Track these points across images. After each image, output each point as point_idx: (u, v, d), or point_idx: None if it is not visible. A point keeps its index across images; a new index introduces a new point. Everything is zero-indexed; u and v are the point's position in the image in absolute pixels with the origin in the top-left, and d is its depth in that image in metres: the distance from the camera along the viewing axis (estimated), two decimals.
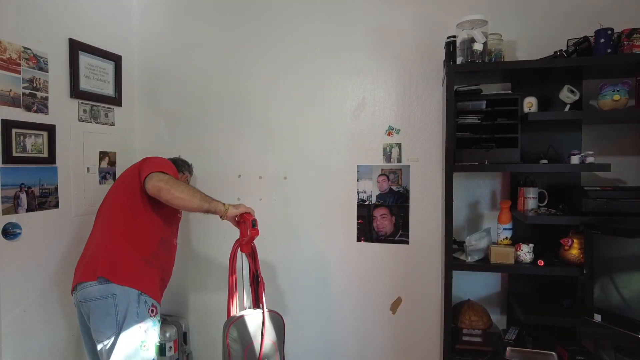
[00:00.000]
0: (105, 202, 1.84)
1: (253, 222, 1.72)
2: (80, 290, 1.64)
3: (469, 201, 2.18)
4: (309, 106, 2.38)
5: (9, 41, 1.83)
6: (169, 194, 1.64)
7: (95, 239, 1.75)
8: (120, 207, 1.76)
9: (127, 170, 1.87)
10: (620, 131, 1.98)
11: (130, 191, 1.75)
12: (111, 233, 1.72)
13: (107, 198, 1.84)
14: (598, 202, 1.72)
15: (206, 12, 2.52)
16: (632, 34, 1.71)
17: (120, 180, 1.86)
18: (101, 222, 1.78)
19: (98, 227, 1.78)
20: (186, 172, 2.20)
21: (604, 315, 1.65)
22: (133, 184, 1.74)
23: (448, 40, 1.98)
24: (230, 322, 1.65)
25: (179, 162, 2.13)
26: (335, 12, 2.32)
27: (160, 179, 1.66)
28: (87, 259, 1.70)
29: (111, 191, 1.84)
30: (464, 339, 1.94)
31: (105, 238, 1.71)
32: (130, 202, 1.74)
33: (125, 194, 1.76)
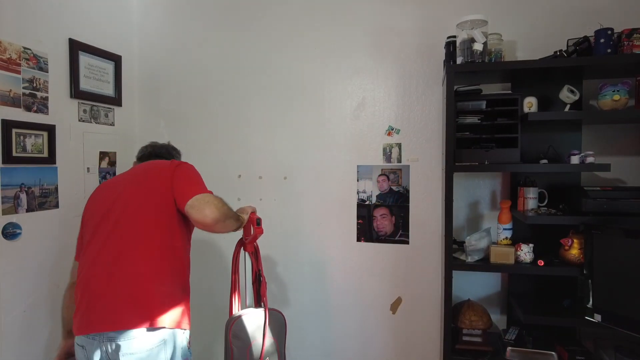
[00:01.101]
0: (127, 217, 1.44)
1: (258, 220, 1.69)
2: (123, 341, 1.33)
3: (469, 201, 2.18)
4: (309, 106, 2.38)
5: (9, 41, 1.83)
6: (224, 227, 1.47)
7: (125, 271, 1.38)
8: (158, 231, 1.44)
9: (149, 175, 1.54)
10: (620, 131, 1.98)
11: (165, 209, 1.45)
12: (153, 267, 1.41)
13: (126, 212, 1.45)
14: (598, 202, 1.72)
15: (206, 12, 2.52)
16: (632, 34, 1.71)
17: (145, 191, 1.49)
18: (131, 248, 1.41)
19: (125, 254, 1.40)
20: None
21: (604, 315, 1.65)
22: (166, 199, 1.45)
23: (448, 40, 1.98)
24: (233, 321, 1.65)
25: (173, 153, 1.82)
26: (336, 12, 2.32)
27: (217, 206, 1.40)
28: (125, 299, 1.35)
29: (133, 203, 1.46)
30: (464, 339, 1.94)
31: (146, 272, 1.40)
32: (167, 224, 1.46)
33: (161, 213, 1.45)
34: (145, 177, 1.54)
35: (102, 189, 1.60)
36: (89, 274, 1.41)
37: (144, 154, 1.75)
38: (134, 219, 1.44)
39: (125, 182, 1.56)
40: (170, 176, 1.49)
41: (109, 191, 1.54)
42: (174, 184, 1.47)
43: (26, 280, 1.92)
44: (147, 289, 1.39)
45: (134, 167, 1.67)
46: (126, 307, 1.36)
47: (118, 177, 1.69)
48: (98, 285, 1.38)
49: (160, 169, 1.54)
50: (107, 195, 1.53)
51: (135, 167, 1.67)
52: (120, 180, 1.61)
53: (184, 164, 1.57)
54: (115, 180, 1.65)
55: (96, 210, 1.50)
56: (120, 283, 1.38)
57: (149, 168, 1.60)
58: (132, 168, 1.68)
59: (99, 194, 1.57)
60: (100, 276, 1.39)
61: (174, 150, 1.83)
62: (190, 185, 1.47)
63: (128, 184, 1.54)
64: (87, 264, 1.43)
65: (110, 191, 1.54)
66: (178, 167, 1.53)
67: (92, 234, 1.46)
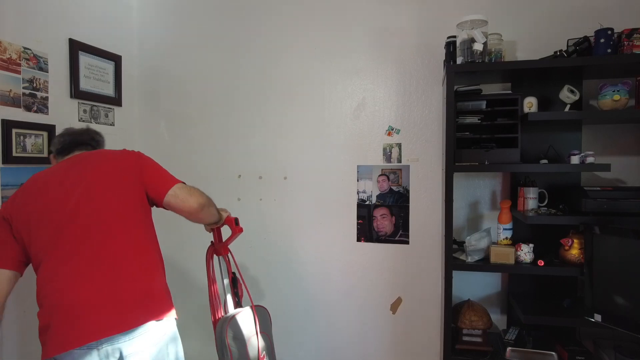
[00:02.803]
0: (105, 218, 1.35)
1: (236, 220, 1.69)
2: (130, 340, 1.28)
3: (469, 201, 2.18)
4: (309, 106, 2.38)
5: (9, 41, 1.83)
6: (208, 213, 1.50)
7: (127, 271, 1.33)
8: (142, 226, 1.43)
9: (109, 170, 1.43)
10: (620, 131, 1.98)
11: (141, 202, 1.43)
12: (150, 261, 1.41)
13: (102, 212, 1.36)
14: (598, 202, 1.72)
15: (206, 12, 2.52)
16: (632, 34, 1.71)
17: (115, 187, 1.40)
18: (124, 249, 1.35)
19: (120, 256, 1.33)
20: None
21: (604, 315, 1.65)
22: (139, 192, 1.43)
23: (448, 40, 1.98)
24: (227, 322, 1.65)
25: (97, 138, 1.61)
26: (336, 12, 2.32)
27: (199, 193, 1.46)
28: (132, 300, 1.30)
29: (107, 202, 1.37)
30: (464, 339, 1.94)
31: (148, 267, 1.39)
32: (146, 217, 1.46)
33: (140, 208, 1.43)
34: (105, 172, 1.41)
35: (38, 190, 1.38)
36: (72, 283, 1.27)
37: (64, 145, 1.52)
38: (114, 219, 1.36)
39: (77, 179, 1.37)
40: (137, 168, 1.44)
41: (56, 191, 1.35)
42: (145, 176, 1.44)
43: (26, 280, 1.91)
44: (152, 284, 1.38)
45: (76, 161, 1.46)
46: (134, 305, 1.30)
47: (55, 174, 1.43)
48: (92, 293, 1.26)
49: (121, 161, 1.45)
50: (56, 196, 1.34)
51: (75, 160, 1.46)
52: (66, 177, 1.39)
53: (142, 154, 1.52)
54: (56, 178, 1.40)
55: (48, 213, 1.32)
56: (124, 284, 1.30)
57: (101, 161, 1.45)
58: (71, 161, 1.46)
59: (38, 195, 1.36)
60: (93, 283, 1.28)
61: (97, 134, 1.62)
62: (162, 176, 1.47)
63: (85, 181, 1.36)
64: (62, 273, 1.28)
65: (58, 191, 1.35)
66: (140, 157, 1.49)
67: (54, 241, 1.30)
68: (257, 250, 2.46)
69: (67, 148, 1.52)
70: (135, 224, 1.40)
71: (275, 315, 2.44)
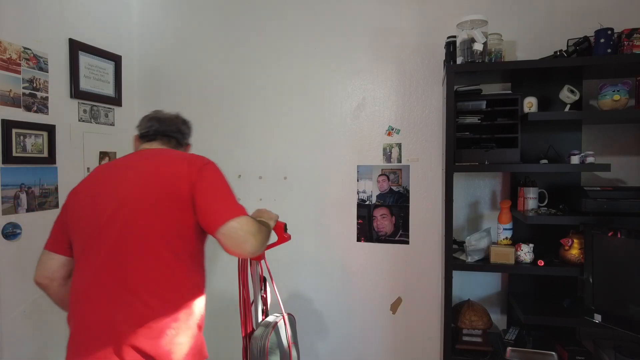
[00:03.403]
0: (132, 235, 1.16)
1: (285, 226, 1.59)
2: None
3: (469, 201, 2.18)
4: (309, 106, 2.38)
5: (9, 41, 1.83)
6: (262, 250, 1.25)
7: (127, 322, 1.12)
8: (177, 263, 1.18)
9: (161, 177, 1.21)
10: (620, 131, 1.98)
11: (179, 230, 1.18)
12: (166, 313, 1.15)
13: (131, 226, 1.16)
14: (598, 202, 1.72)
15: (206, 12, 2.52)
16: (632, 34, 1.71)
17: (157, 201, 1.17)
18: (137, 285, 1.14)
19: (130, 285, 1.14)
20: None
21: (604, 315, 1.65)
22: (182, 217, 1.18)
23: (448, 40, 1.98)
24: (267, 338, 1.46)
25: (184, 129, 1.47)
26: (336, 12, 2.32)
27: (255, 237, 1.16)
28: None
29: (140, 217, 1.16)
30: (464, 339, 1.94)
31: (157, 321, 1.14)
32: (186, 250, 1.20)
33: (175, 236, 1.18)
34: (157, 179, 1.21)
35: (98, 182, 1.27)
36: (77, 306, 1.18)
37: (149, 131, 1.39)
38: (137, 247, 1.16)
39: (129, 180, 1.22)
40: (192, 185, 1.18)
41: (108, 188, 1.23)
42: (198, 198, 1.18)
43: (26, 280, 1.91)
44: (156, 347, 1.12)
45: (139, 156, 1.32)
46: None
47: (118, 166, 1.31)
48: (89, 325, 1.14)
49: (177, 171, 1.20)
50: (106, 194, 1.21)
51: (141, 156, 1.32)
52: (123, 175, 1.25)
53: (208, 166, 1.24)
54: (115, 173, 1.28)
55: (92, 212, 1.21)
56: (116, 335, 1.11)
57: (160, 164, 1.25)
58: (137, 155, 1.33)
59: (95, 188, 1.26)
60: (92, 314, 1.15)
61: (184, 124, 1.47)
62: (220, 203, 1.19)
63: (133, 185, 1.20)
64: (77, 290, 1.19)
65: (109, 189, 1.22)
66: (202, 171, 1.21)
67: (83, 249, 1.21)
68: None
69: (151, 135, 1.38)
70: (161, 257, 1.16)
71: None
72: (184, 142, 1.47)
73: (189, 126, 1.51)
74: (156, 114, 1.43)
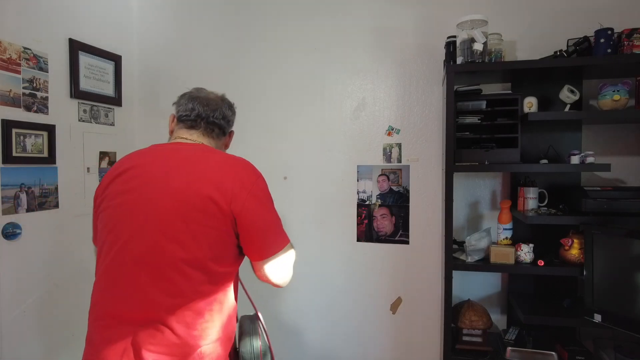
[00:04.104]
0: (159, 249, 1.05)
1: None
2: None
3: (469, 201, 2.18)
4: (309, 106, 2.38)
5: (9, 41, 1.83)
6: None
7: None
8: (206, 289, 1.08)
9: (202, 192, 1.05)
10: (620, 131, 1.98)
11: (215, 253, 1.07)
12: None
13: (160, 243, 1.05)
14: (598, 202, 1.72)
15: (206, 12, 2.52)
16: (632, 34, 1.71)
17: (192, 220, 1.04)
18: (148, 311, 1.05)
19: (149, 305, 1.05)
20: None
21: (604, 315, 1.65)
22: (221, 241, 1.08)
23: (448, 40, 1.98)
24: (257, 316, 1.40)
25: (229, 115, 1.34)
26: (336, 12, 2.32)
27: (290, 272, 1.20)
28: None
29: (171, 236, 1.04)
30: (464, 339, 1.94)
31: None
32: (217, 277, 1.10)
33: (209, 259, 1.06)
34: (194, 189, 1.05)
35: (127, 177, 1.12)
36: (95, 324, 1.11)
37: (190, 115, 1.23)
38: (162, 269, 1.05)
39: (166, 186, 1.07)
40: (241, 206, 1.06)
41: (138, 185, 1.09)
42: (247, 224, 1.08)
43: (26, 280, 1.92)
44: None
45: (178, 155, 1.13)
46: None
47: (155, 161, 1.13)
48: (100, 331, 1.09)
49: (224, 187, 1.06)
50: (137, 192, 1.08)
51: (181, 156, 1.12)
52: (160, 176, 1.09)
53: (258, 184, 1.14)
54: (151, 171, 1.10)
55: (123, 215, 1.09)
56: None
57: (202, 174, 1.08)
58: (176, 154, 1.14)
59: (124, 183, 1.11)
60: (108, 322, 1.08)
61: (229, 109, 1.33)
62: (270, 233, 1.12)
63: (170, 194, 1.05)
64: (98, 301, 1.12)
65: (140, 186, 1.09)
66: (252, 191, 1.10)
67: (110, 248, 1.10)
68: None
69: (193, 120, 1.23)
70: (185, 281, 1.05)
71: (275, 315, 2.45)
72: (228, 130, 1.33)
73: (234, 111, 1.36)
74: (199, 92, 1.27)
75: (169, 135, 1.31)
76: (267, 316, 2.46)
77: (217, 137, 1.28)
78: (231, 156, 1.19)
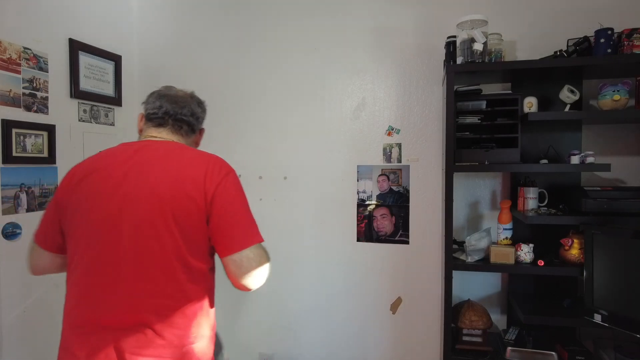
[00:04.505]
0: (137, 246, 1.05)
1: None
2: None
3: (469, 201, 2.18)
4: (309, 106, 2.38)
5: (9, 41, 1.83)
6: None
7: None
8: (182, 295, 1.08)
9: (173, 184, 1.06)
10: (620, 131, 1.98)
11: (186, 251, 1.07)
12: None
13: (137, 238, 1.05)
14: (598, 202, 1.72)
15: (206, 12, 2.52)
16: (632, 34, 1.71)
17: (166, 212, 1.04)
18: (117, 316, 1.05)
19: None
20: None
21: (604, 315, 1.65)
22: (193, 236, 1.08)
23: (448, 40, 1.98)
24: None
25: (199, 112, 1.30)
26: (336, 12, 2.32)
27: (264, 275, 1.14)
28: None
29: (147, 229, 1.05)
30: (464, 339, 1.94)
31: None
32: (195, 278, 1.10)
33: (177, 259, 1.06)
34: (168, 185, 1.06)
35: (98, 177, 1.10)
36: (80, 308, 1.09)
37: (157, 113, 1.21)
38: (144, 253, 1.05)
39: (140, 186, 1.07)
40: (210, 200, 1.06)
41: (110, 186, 1.08)
42: (215, 216, 1.07)
43: (26, 280, 1.92)
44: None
45: (147, 154, 1.13)
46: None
47: (127, 161, 1.11)
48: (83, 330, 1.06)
49: (194, 183, 1.06)
50: (109, 193, 1.07)
51: (149, 155, 1.12)
52: (133, 176, 1.08)
53: (229, 178, 1.11)
54: (123, 171, 1.09)
55: (98, 222, 1.07)
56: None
57: (172, 171, 1.08)
58: (144, 153, 1.13)
59: (94, 185, 1.09)
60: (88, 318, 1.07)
61: (199, 106, 1.29)
62: (239, 226, 1.10)
63: (145, 193, 1.05)
64: (80, 292, 1.09)
65: (112, 187, 1.07)
66: (221, 184, 1.08)
67: (85, 254, 1.08)
68: None
69: (160, 118, 1.21)
70: (159, 283, 1.05)
71: (275, 316, 2.45)
72: (198, 128, 1.29)
73: (204, 108, 1.33)
74: (168, 90, 1.24)
75: (139, 135, 1.29)
76: (267, 316, 2.48)
77: (186, 135, 1.25)
78: (203, 152, 1.18)
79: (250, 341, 2.48)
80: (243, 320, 2.48)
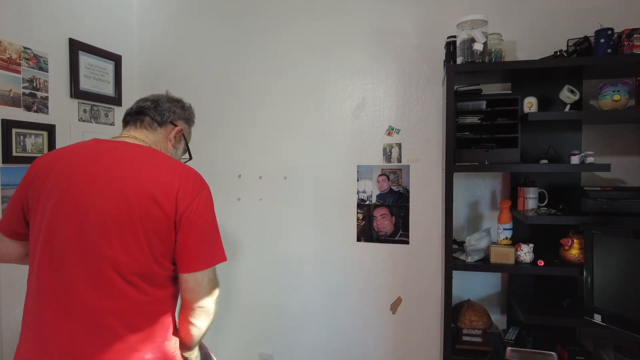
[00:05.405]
0: (97, 244, 1.01)
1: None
2: None
3: (469, 201, 2.18)
4: (309, 106, 2.38)
5: (9, 41, 1.83)
6: (196, 338, 1.15)
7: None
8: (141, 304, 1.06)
9: (142, 194, 1.03)
10: (620, 131, 1.98)
11: (155, 259, 1.05)
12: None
13: (98, 239, 1.01)
14: (598, 202, 1.72)
15: (206, 12, 2.52)
16: (632, 34, 1.71)
17: (132, 219, 1.01)
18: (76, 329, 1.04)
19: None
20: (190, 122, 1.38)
21: (604, 315, 1.65)
22: (170, 247, 1.07)
23: (448, 40, 1.98)
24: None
25: (175, 109, 1.28)
26: (336, 12, 2.32)
27: (210, 319, 1.13)
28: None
29: (111, 236, 1.01)
30: (464, 339, 1.94)
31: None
32: (157, 287, 1.08)
33: (159, 267, 1.06)
34: (135, 189, 1.03)
35: (73, 176, 1.06)
36: (41, 304, 1.10)
37: (126, 115, 1.25)
38: (112, 269, 1.01)
39: (107, 188, 1.03)
40: (180, 214, 1.04)
41: (84, 194, 1.03)
42: (183, 232, 1.05)
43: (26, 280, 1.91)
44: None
45: (121, 153, 1.09)
46: None
47: (99, 159, 1.08)
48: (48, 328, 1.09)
49: (163, 188, 1.04)
50: (81, 200, 1.03)
51: (124, 155, 1.09)
52: (101, 177, 1.04)
53: (202, 195, 1.09)
54: (93, 171, 1.05)
55: (60, 220, 1.04)
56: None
57: (142, 171, 1.06)
58: (119, 150, 1.10)
59: (67, 186, 1.05)
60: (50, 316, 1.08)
61: (170, 102, 1.27)
62: (204, 246, 1.08)
63: (112, 196, 1.02)
64: (37, 287, 1.10)
65: (85, 195, 1.03)
66: (195, 201, 1.06)
67: (45, 252, 1.06)
68: (256, 250, 2.46)
69: (128, 115, 1.23)
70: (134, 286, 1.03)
71: (275, 316, 2.45)
72: (166, 121, 1.23)
73: (182, 105, 1.31)
74: (145, 97, 1.26)
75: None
76: (268, 316, 2.48)
77: (150, 127, 1.20)
78: (181, 163, 1.16)
79: (250, 341, 2.48)
80: (243, 321, 2.48)
